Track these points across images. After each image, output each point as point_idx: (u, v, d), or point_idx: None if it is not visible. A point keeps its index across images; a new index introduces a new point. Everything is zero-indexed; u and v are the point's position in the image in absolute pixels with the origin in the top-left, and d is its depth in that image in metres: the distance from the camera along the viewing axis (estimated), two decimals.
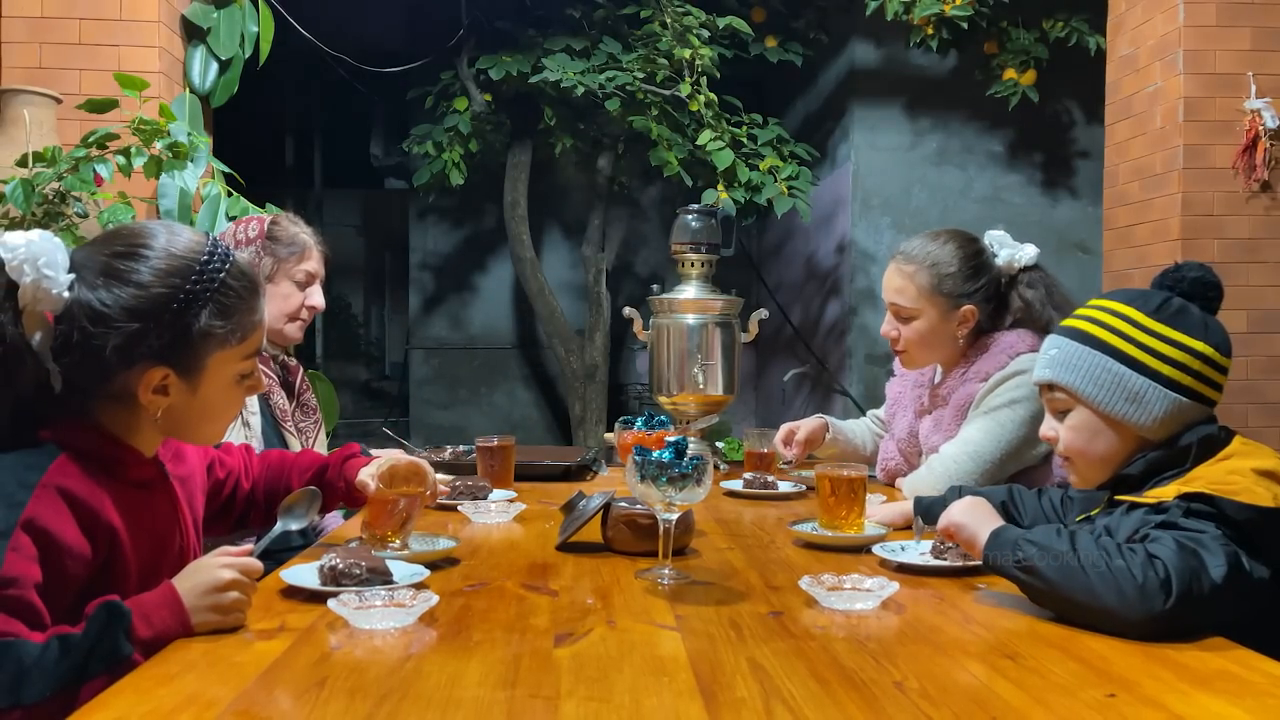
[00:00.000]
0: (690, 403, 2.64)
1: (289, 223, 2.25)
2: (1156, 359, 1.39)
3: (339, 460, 1.71)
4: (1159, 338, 1.40)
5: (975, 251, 2.19)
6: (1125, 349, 1.41)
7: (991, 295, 2.18)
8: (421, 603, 1.25)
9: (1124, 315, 1.43)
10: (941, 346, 2.20)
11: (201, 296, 1.28)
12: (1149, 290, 1.46)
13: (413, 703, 0.99)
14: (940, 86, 5.53)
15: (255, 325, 1.36)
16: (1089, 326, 1.45)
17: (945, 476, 2.02)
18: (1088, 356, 1.43)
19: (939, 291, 2.15)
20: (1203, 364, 1.39)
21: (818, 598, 1.33)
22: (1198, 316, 1.41)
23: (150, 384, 1.28)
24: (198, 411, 1.34)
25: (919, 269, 2.17)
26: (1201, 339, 1.39)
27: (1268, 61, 3.60)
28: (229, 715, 0.96)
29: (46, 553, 1.15)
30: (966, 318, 2.16)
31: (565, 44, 5.49)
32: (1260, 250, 3.63)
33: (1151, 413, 1.39)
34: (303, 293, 2.23)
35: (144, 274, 1.26)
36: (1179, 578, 1.18)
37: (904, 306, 2.18)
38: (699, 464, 1.44)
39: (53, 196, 2.90)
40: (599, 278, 6.14)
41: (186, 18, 3.60)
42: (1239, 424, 3.50)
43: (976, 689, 1.05)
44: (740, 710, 0.98)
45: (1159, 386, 1.39)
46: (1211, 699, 1.02)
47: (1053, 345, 1.49)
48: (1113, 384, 1.41)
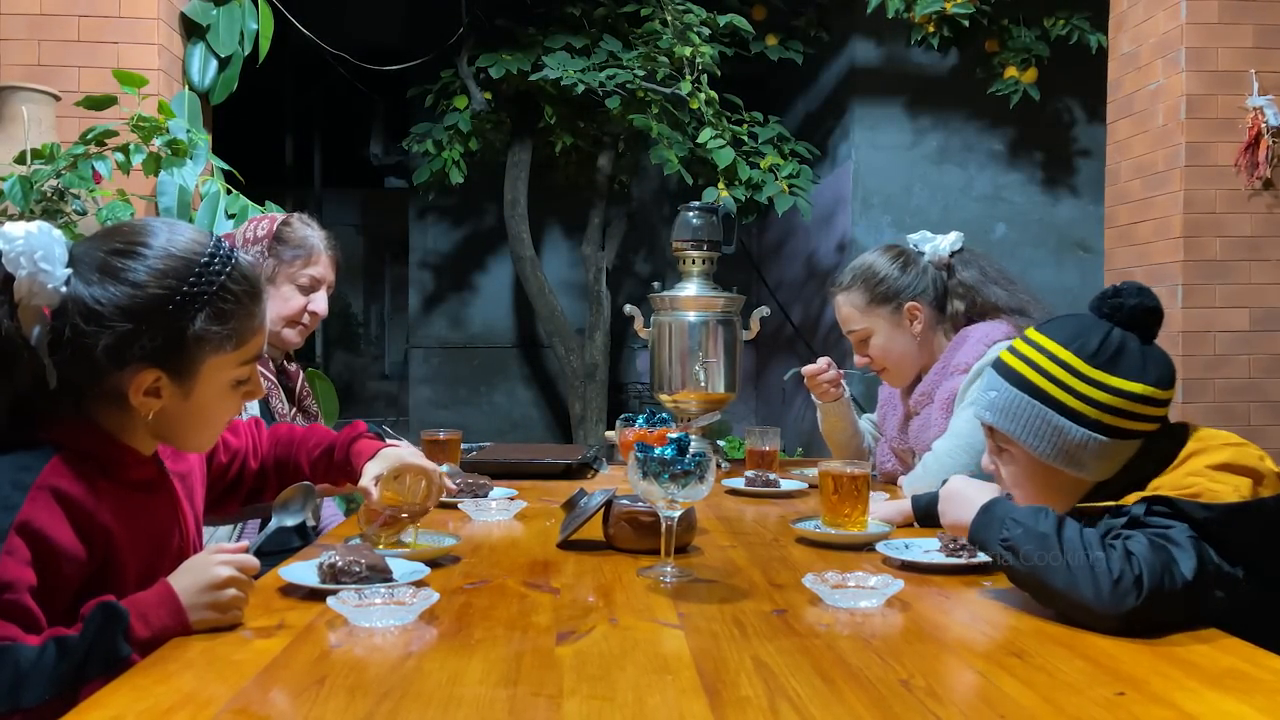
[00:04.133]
0: (691, 400, 2.64)
1: (300, 224, 2.18)
2: (1095, 409, 1.36)
3: (345, 441, 1.68)
4: (1098, 386, 1.37)
5: (897, 253, 2.29)
6: (1064, 400, 1.38)
7: (928, 288, 2.24)
8: (422, 600, 1.23)
9: (1063, 362, 1.39)
10: (908, 353, 2.27)
11: (198, 299, 1.24)
12: (1084, 324, 1.41)
13: (413, 701, 0.97)
14: (941, 84, 5.52)
15: (254, 331, 1.31)
16: (1029, 372, 1.41)
17: (941, 472, 2.03)
18: (1027, 406, 1.40)
19: (877, 301, 2.25)
20: (1142, 405, 1.37)
21: (822, 595, 1.32)
22: (1136, 353, 1.38)
23: (141, 386, 1.24)
24: (191, 417, 1.30)
25: (851, 290, 2.28)
26: (1139, 379, 1.36)
27: (1270, 59, 3.59)
28: (227, 714, 0.95)
29: (41, 556, 1.14)
30: (913, 314, 2.23)
31: (565, 42, 5.48)
32: (1262, 248, 3.62)
33: (1089, 462, 1.39)
34: (305, 297, 2.17)
35: (140, 273, 1.23)
36: (1150, 575, 1.18)
37: (855, 329, 2.29)
38: (701, 460, 1.43)
39: (51, 194, 2.89)
40: (599, 276, 6.13)
41: (186, 15, 3.59)
42: (1240, 423, 3.50)
43: (984, 687, 1.04)
44: (745, 708, 0.96)
45: (1097, 436, 1.37)
46: (1221, 696, 1.01)
47: (992, 386, 1.46)
48: (1052, 436, 1.39)
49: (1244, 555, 1.26)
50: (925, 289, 2.24)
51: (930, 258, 2.26)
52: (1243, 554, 1.26)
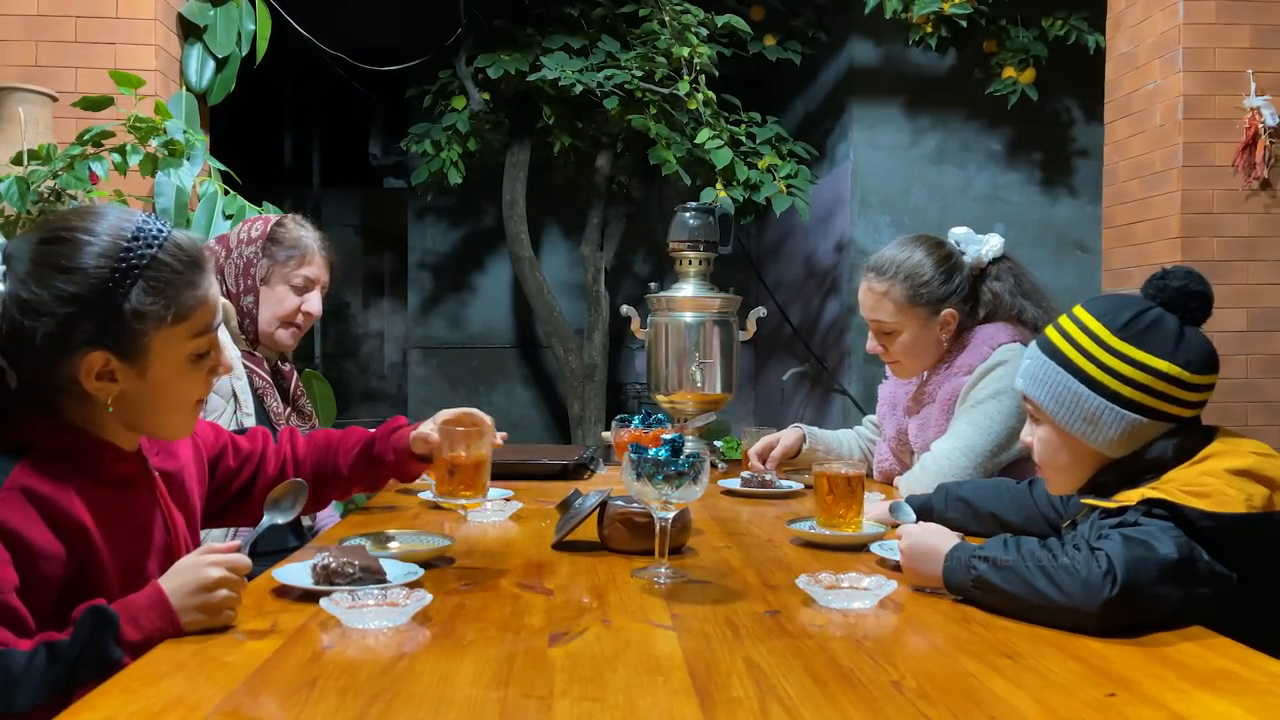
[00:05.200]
0: (688, 401, 2.63)
1: (294, 225, 2.19)
2: (1116, 379, 1.38)
3: (385, 433, 1.64)
4: (1121, 357, 1.38)
5: (945, 255, 2.19)
6: (1086, 368, 1.40)
7: (966, 294, 2.19)
8: (415, 602, 1.23)
9: (1091, 331, 1.41)
10: (928, 352, 2.21)
11: (129, 274, 1.23)
12: (1125, 301, 1.43)
13: (404, 703, 0.97)
14: (939, 85, 5.52)
15: (198, 302, 1.29)
16: (1059, 340, 1.45)
17: (939, 474, 2.03)
18: (1053, 373, 1.44)
19: (917, 302, 2.16)
20: (1167, 384, 1.37)
21: (815, 596, 1.32)
22: (1171, 332, 1.38)
23: (92, 370, 1.24)
24: (153, 398, 1.29)
25: (893, 283, 2.16)
26: (1168, 357, 1.36)
27: (1267, 59, 3.59)
28: (217, 716, 0.95)
29: (19, 556, 1.14)
30: (948, 321, 2.17)
31: (564, 42, 5.48)
32: (1260, 248, 3.62)
33: (1107, 434, 1.40)
34: (300, 298, 2.17)
35: (70, 258, 1.23)
36: (1124, 565, 1.19)
37: (884, 322, 2.19)
38: (695, 461, 1.43)
39: (48, 195, 2.88)
40: (598, 277, 6.12)
41: (183, 16, 3.58)
42: (1239, 423, 3.50)
43: (975, 688, 1.04)
44: (736, 710, 0.96)
45: (1116, 408, 1.38)
46: (1212, 698, 1.01)
47: (1029, 354, 1.50)
48: (1072, 403, 1.41)
49: (1244, 565, 1.26)
50: (964, 295, 2.18)
51: (970, 260, 2.20)
52: (1244, 564, 1.26)
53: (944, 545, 1.36)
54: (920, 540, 1.40)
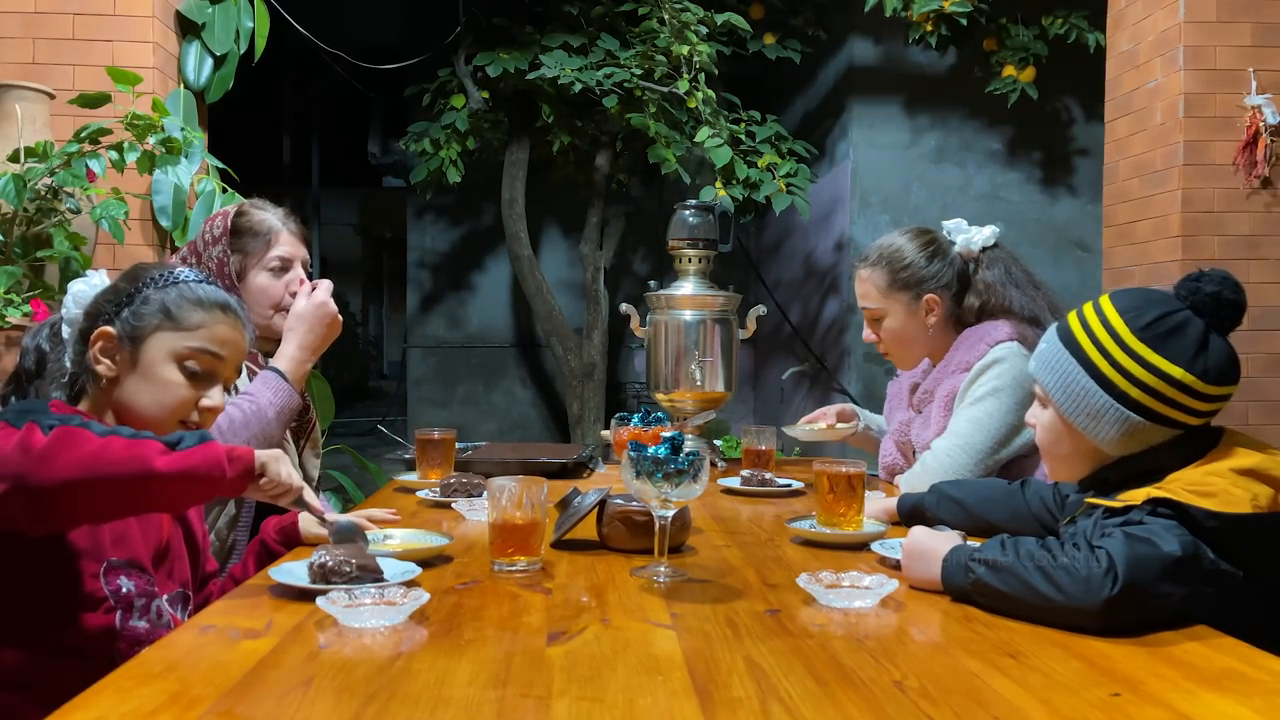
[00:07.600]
0: (688, 399, 2.63)
1: (254, 210, 2.11)
2: (1126, 380, 1.36)
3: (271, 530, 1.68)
4: (1135, 358, 1.36)
5: (928, 241, 2.24)
6: (1099, 364, 1.38)
7: (953, 281, 2.20)
8: (412, 600, 1.22)
9: (1111, 326, 1.39)
10: (918, 341, 2.24)
11: (161, 281, 1.51)
12: (1154, 298, 1.40)
13: (400, 702, 0.96)
14: (939, 84, 5.51)
15: (201, 322, 1.50)
16: (1078, 330, 1.42)
17: (939, 471, 2.03)
18: (1065, 362, 1.42)
19: (897, 285, 2.21)
20: (1178, 391, 1.34)
21: (816, 595, 1.31)
22: (1194, 338, 1.35)
23: (98, 342, 1.46)
24: (138, 383, 1.47)
25: (876, 269, 2.23)
26: (1184, 364, 1.34)
27: (1268, 57, 3.58)
28: (212, 715, 0.93)
29: None
30: (930, 306, 2.20)
31: (563, 41, 5.47)
32: (1260, 247, 3.61)
33: (1108, 432, 1.39)
34: (281, 280, 2.12)
35: (134, 278, 1.53)
36: (1125, 563, 1.17)
37: (870, 308, 2.25)
38: (695, 459, 1.41)
39: (45, 192, 2.88)
40: (597, 276, 6.12)
41: (181, 13, 3.57)
42: (1239, 422, 3.49)
43: (978, 688, 1.02)
44: (736, 710, 0.95)
45: (1120, 407, 1.36)
46: (1218, 698, 1.00)
47: (1046, 339, 1.49)
48: (1079, 396, 1.40)
49: (1250, 565, 1.25)
50: (949, 281, 2.20)
51: (960, 249, 2.21)
52: (1249, 563, 1.25)
53: (942, 548, 1.35)
54: (919, 542, 1.39)
